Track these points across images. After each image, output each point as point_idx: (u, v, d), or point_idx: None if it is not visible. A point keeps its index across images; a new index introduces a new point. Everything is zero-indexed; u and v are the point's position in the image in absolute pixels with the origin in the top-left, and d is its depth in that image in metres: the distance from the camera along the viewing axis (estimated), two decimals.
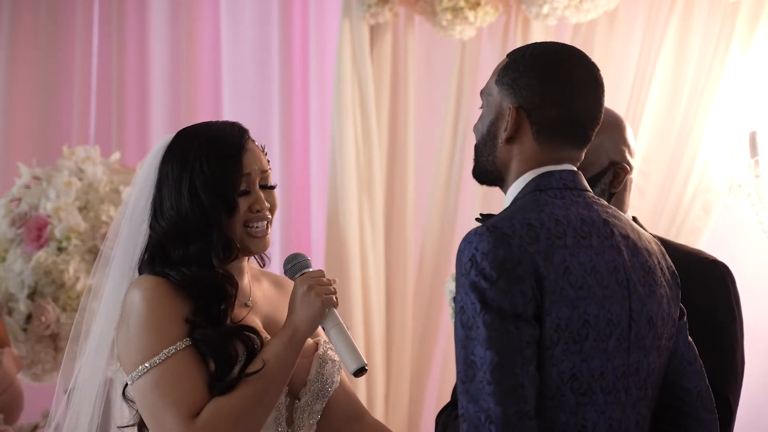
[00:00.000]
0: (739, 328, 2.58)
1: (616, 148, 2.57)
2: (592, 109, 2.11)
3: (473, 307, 1.94)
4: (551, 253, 1.98)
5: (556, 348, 1.97)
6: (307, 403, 2.34)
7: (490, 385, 1.91)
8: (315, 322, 2.26)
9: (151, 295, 2.21)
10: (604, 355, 2.01)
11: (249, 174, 2.29)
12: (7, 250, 3.98)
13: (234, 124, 2.34)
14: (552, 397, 1.98)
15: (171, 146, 2.32)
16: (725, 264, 2.61)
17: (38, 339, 3.92)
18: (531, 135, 2.08)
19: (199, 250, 2.25)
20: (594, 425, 2.00)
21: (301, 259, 2.33)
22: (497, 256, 1.95)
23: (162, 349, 2.18)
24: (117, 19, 5.16)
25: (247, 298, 2.35)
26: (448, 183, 4.42)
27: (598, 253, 2.02)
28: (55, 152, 4.54)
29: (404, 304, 4.45)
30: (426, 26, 4.49)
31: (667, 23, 4.16)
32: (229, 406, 2.15)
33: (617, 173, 2.57)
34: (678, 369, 2.16)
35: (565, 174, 2.09)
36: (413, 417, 4.44)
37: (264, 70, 4.92)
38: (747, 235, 4.01)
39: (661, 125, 4.15)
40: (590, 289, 2.00)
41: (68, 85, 5.19)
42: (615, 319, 2.02)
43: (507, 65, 2.12)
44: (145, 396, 2.18)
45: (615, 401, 2.02)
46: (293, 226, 4.78)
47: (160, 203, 2.28)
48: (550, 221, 2.01)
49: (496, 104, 2.11)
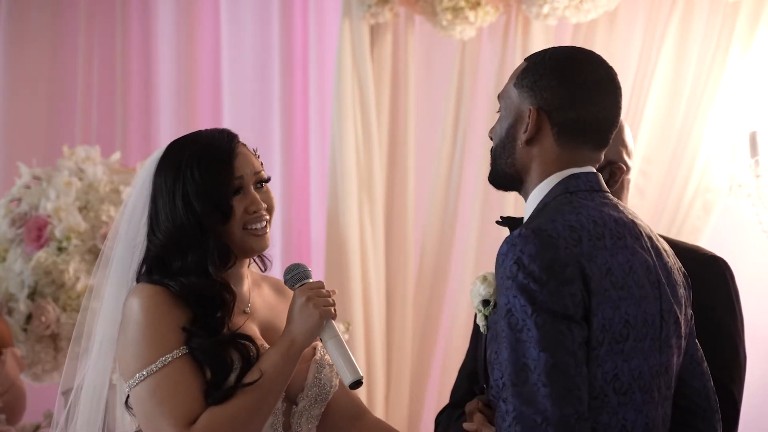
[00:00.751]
0: (739, 323, 2.59)
1: (613, 148, 2.57)
2: (611, 111, 2.14)
3: (523, 310, 1.96)
4: (594, 255, 2.00)
5: (602, 348, 1.99)
6: (305, 407, 2.35)
7: (546, 387, 1.93)
8: (313, 333, 2.26)
9: (148, 304, 2.21)
10: (642, 354, 2.04)
11: (241, 177, 2.30)
12: (8, 250, 3.98)
13: (223, 130, 2.36)
14: (596, 397, 2.00)
15: (163, 158, 2.33)
16: (724, 260, 2.63)
17: (38, 339, 3.92)
18: (551, 137, 2.10)
19: (197, 260, 2.25)
20: (633, 424, 2.03)
21: (302, 269, 2.33)
22: (545, 259, 1.97)
23: (159, 357, 2.19)
24: (120, 19, 5.16)
25: (246, 305, 2.35)
26: (448, 183, 4.42)
27: (633, 253, 2.05)
28: (55, 152, 4.54)
29: (404, 304, 4.45)
30: (426, 26, 4.49)
31: (668, 23, 4.16)
32: (225, 416, 2.16)
33: (613, 172, 2.59)
34: (689, 369, 2.19)
35: (590, 176, 2.12)
36: (413, 417, 4.44)
37: (264, 70, 4.92)
38: (747, 235, 4.01)
39: (661, 125, 4.15)
40: (629, 289, 2.03)
41: (70, 86, 5.19)
42: (650, 319, 2.05)
43: (527, 68, 2.14)
44: (142, 403, 2.19)
45: (650, 400, 2.05)
46: (293, 226, 4.78)
47: (156, 216, 2.29)
48: (588, 223, 2.03)
49: (515, 107, 2.13)
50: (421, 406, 4.44)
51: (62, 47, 5.21)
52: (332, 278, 4.41)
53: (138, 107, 5.15)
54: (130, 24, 5.17)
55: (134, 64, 5.16)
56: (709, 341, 2.45)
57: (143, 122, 5.14)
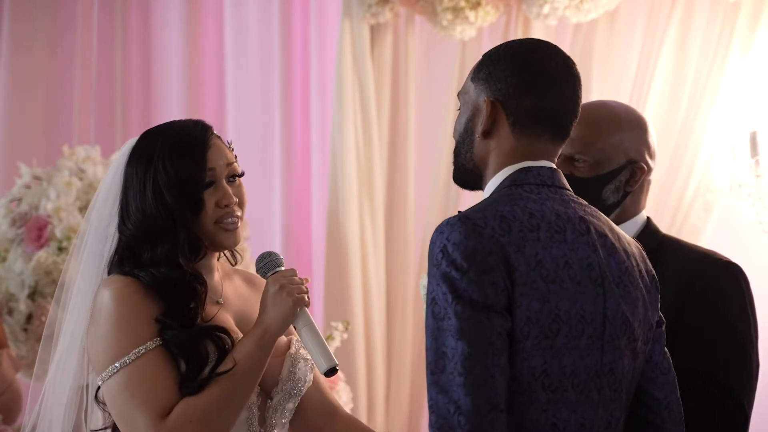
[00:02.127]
0: (753, 330, 2.54)
1: (635, 147, 2.55)
2: (568, 100, 2.10)
3: (444, 298, 1.94)
4: (523, 245, 1.96)
5: (527, 342, 1.95)
6: (279, 402, 2.33)
7: (461, 376, 1.90)
8: (286, 321, 2.24)
9: (120, 295, 2.19)
10: (576, 352, 1.99)
11: (213, 169, 2.27)
12: (8, 250, 3.98)
13: (198, 121, 2.33)
14: (523, 392, 1.96)
15: (135, 147, 2.31)
16: (739, 266, 2.58)
17: (39, 339, 3.92)
18: (507, 127, 2.07)
19: (168, 251, 2.23)
20: (565, 423, 1.98)
21: (273, 257, 2.31)
22: (468, 247, 1.94)
23: (132, 348, 2.16)
24: (120, 18, 5.15)
25: (218, 296, 2.33)
26: (448, 183, 4.42)
27: (572, 248, 2.01)
28: (55, 152, 4.54)
29: (405, 304, 4.45)
30: (426, 26, 4.49)
31: (668, 23, 4.16)
32: (198, 406, 2.14)
33: (634, 172, 2.55)
34: (650, 378, 2.13)
35: (543, 171, 2.08)
36: (414, 417, 4.44)
37: (265, 70, 4.92)
38: (747, 235, 4.01)
39: (661, 125, 4.14)
40: (562, 283, 1.98)
41: (69, 85, 5.19)
42: (588, 317, 2.00)
43: (481, 62, 2.12)
44: (115, 397, 2.17)
45: (587, 400, 2.00)
46: (294, 226, 4.78)
47: (126, 206, 2.27)
48: (524, 214, 1.99)
49: (472, 101, 2.11)
50: (421, 406, 4.43)
51: (62, 46, 5.21)
52: (332, 278, 4.41)
53: (138, 107, 5.15)
54: (130, 24, 5.17)
55: (134, 63, 5.16)
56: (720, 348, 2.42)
57: (143, 122, 5.13)
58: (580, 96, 2.12)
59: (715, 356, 2.35)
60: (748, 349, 2.50)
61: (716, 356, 2.29)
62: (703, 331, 2.42)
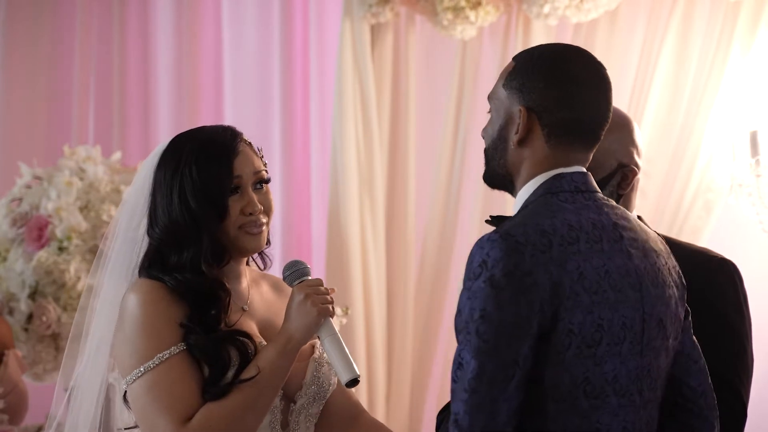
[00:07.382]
0: (747, 325, 2.58)
1: (624, 150, 2.56)
2: (602, 108, 2.11)
3: (471, 313, 1.95)
4: (564, 260, 1.97)
5: (568, 352, 1.97)
6: (303, 406, 2.34)
7: (466, 392, 1.92)
8: (310, 331, 2.25)
9: (146, 299, 2.21)
10: (618, 358, 2.01)
11: (240, 176, 2.29)
12: (8, 250, 3.98)
13: (227, 128, 2.35)
14: (564, 400, 1.98)
15: (165, 152, 2.32)
16: (733, 262, 2.60)
17: (39, 339, 3.92)
18: (542, 137, 2.08)
19: (192, 256, 2.24)
20: (608, 428, 2.00)
21: (301, 266, 2.32)
22: (508, 264, 1.95)
23: (156, 353, 2.18)
24: (118, 18, 5.16)
25: (244, 302, 2.34)
26: (449, 182, 4.42)
27: (609, 257, 2.03)
28: (56, 152, 4.54)
29: (405, 303, 4.45)
30: (427, 26, 4.49)
31: (668, 23, 4.16)
32: (221, 412, 2.16)
33: (626, 175, 2.56)
34: (685, 368, 2.16)
35: (576, 176, 2.09)
36: (414, 417, 4.44)
37: (265, 70, 4.93)
38: (748, 234, 4.01)
39: (662, 125, 4.15)
40: (604, 293, 2.00)
41: (69, 85, 5.19)
42: (628, 323, 2.02)
43: (514, 69, 2.12)
44: (138, 399, 2.19)
45: (629, 404, 2.03)
46: (294, 226, 4.78)
47: (155, 210, 2.29)
48: (563, 227, 2.00)
49: (505, 108, 2.11)
50: (422, 406, 4.44)
51: (61, 47, 5.21)
52: (333, 278, 4.41)
53: (137, 107, 5.15)
54: (129, 24, 5.17)
55: (133, 63, 5.16)
56: (719, 344, 2.43)
57: (142, 122, 5.14)
58: (611, 100, 2.13)
59: (714, 352, 2.36)
60: (744, 345, 2.54)
61: (716, 352, 2.30)
62: (701, 327, 2.43)
